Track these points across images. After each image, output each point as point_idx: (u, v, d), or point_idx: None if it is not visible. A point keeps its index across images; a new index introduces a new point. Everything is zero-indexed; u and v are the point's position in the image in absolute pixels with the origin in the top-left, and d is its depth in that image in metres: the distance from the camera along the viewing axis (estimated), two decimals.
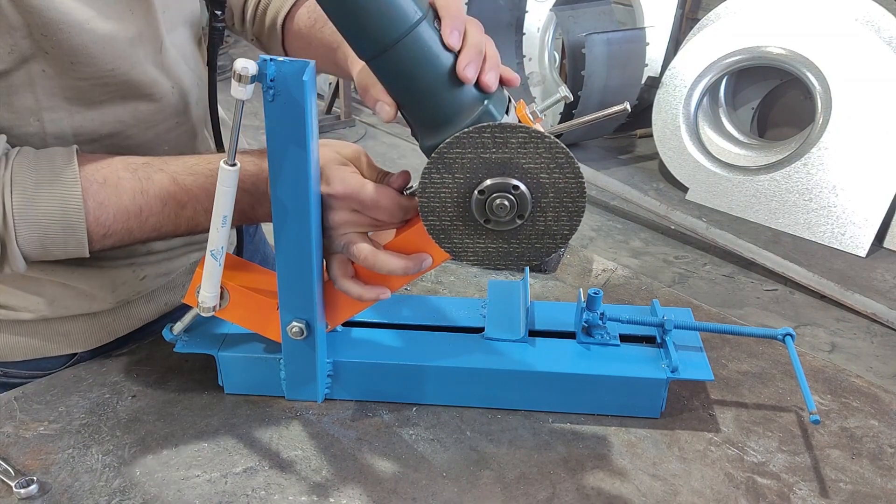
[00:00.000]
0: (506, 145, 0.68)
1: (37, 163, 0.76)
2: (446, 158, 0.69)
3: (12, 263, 0.77)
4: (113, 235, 0.80)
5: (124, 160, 0.81)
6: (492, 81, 0.69)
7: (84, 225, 0.77)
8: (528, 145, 0.68)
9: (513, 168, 0.69)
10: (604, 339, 0.92)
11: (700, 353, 0.91)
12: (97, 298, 0.94)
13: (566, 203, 0.71)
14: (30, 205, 0.75)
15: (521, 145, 0.68)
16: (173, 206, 0.80)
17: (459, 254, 0.75)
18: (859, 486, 0.82)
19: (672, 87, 4.06)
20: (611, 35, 4.10)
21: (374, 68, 0.69)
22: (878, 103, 3.48)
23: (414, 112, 0.71)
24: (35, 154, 0.78)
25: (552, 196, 0.71)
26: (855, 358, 2.89)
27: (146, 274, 0.98)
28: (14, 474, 0.78)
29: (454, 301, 1.01)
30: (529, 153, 0.69)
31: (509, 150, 0.69)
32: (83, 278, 0.92)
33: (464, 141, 0.68)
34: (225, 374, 0.91)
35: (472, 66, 0.68)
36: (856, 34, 3.53)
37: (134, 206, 0.79)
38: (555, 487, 0.80)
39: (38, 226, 0.76)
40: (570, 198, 0.71)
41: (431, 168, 0.70)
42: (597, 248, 3.60)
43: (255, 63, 0.66)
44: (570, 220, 0.72)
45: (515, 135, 0.68)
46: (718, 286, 3.32)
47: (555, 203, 0.71)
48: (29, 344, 0.95)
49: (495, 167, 0.70)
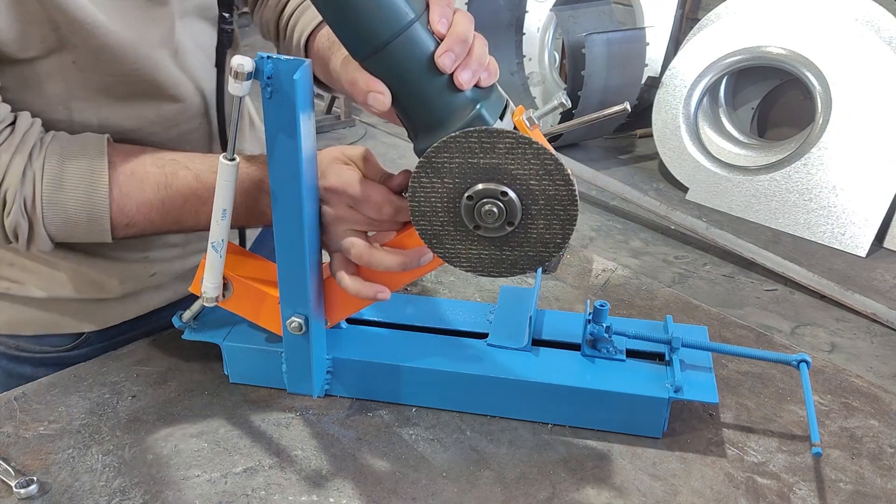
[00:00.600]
0: (493, 150, 0.67)
1: (69, 149, 0.79)
2: (434, 163, 0.69)
3: (39, 243, 0.81)
4: (135, 225, 0.83)
5: (154, 154, 0.83)
6: (466, 79, 0.67)
7: (108, 214, 0.80)
8: (516, 151, 0.67)
9: (502, 174, 0.68)
10: (609, 354, 0.90)
11: (709, 374, 0.88)
12: (105, 287, 0.97)
13: (557, 211, 0.69)
14: (58, 190, 0.78)
15: (508, 151, 0.67)
16: (194, 202, 0.83)
17: (452, 259, 0.74)
18: (859, 486, 0.82)
19: (672, 87, 4.06)
20: (611, 35, 4.11)
21: (367, 68, 0.69)
22: (878, 103, 3.48)
23: (407, 113, 0.71)
24: (69, 140, 0.80)
25: (543, 203, 0.69)
26: (855, 358, 2.89)
27: (156, 271, 1.00)
28: (14, 474, 0.78)
29: (462, 304, 1.01)
30: (517, 159, 0.67)
31: (497, 155, 0.67)
32: (94, 266, 0.95)
33: (451, 145, 0.67)
34: (230, 364, 0.92)
35: (450, 55, 0.66)
36: (856, 34, 3.53)
37: (157, 200, 0.82)
38: (555, 487, 0.80)
39: (65, 211, 0.79)
40: (562, 205, 0.69)
41: (420, 172, 0.70)
42: (597, 248, 3.60)
43: (252, 60, 0.67)
44: (562, 229, 0.70)
45: (502, 140, 0.67)
46: (718, 286, 3.33)
47: (546, 211, 0.70)
48: (39, 319, 0.97)
49: (484, 173, 0.68)
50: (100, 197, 0.79)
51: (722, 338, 1.06)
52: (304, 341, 0.84)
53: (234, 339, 0.91)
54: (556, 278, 1.19)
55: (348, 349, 0.90)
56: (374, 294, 0.79)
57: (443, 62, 0.66)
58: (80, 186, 0.79)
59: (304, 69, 0.70)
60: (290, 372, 0.89)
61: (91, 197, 0.79)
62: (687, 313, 1.11)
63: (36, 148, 0.78)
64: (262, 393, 0.92)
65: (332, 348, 0.90)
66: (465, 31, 0.67)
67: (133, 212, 0.82)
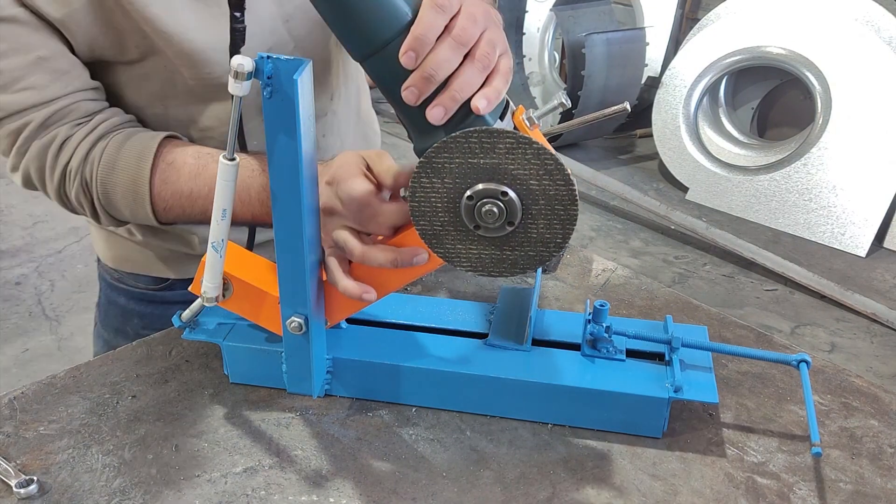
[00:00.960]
0: (493, 150, 0.67)
1: (127, 141, 0.89)
2: (434, 163, 0.69)
3: (101, 220, 0.94)
4: (172, 210, 0.91)
5: (197, 148, 0.92)
6: (436, 117, 0.66)
7: (148, 198, 0.89)
8: (516, 151, 0.67)
9: (502, 174, 0.68)
10: (609, 354, 0.89)
11: (708, 374, 0.88)
12: (189, 243, 1.09)
13: (558, 210, 0.69)
14: (110, 175, 0.89)
15: (508, 151, 0.67)
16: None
17: (452, 259, 0.74)
18: (859, 486, 0.82)
19: (672, 87, 4.07)
20: (611, 35, 4.11)
21: (367, 69, 0.69)
22: (878, 103, 3.48)
23: (407, 114, 0.71)
24: (128, 134, 0.91)
25: (543, 203, 0.69)
26: (855, 358, 2.89)
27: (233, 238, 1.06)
28: (14, 474, 0.78)
29: (462, 304, 1.01)
30: (517, 159, 0.67)
31: (497, 155, 0.67)
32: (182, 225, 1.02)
33: (451, 146, 0.67)
34: (230, 364, 0.92)
35: (412, 91, 0.65)
36: (856, 34, 3.53)
37: (186, 189, 0.90)
38: (555, 487, 0.80)
39: (115, 194, 0.90)
40: (562, 205, 0.69)
41: (420, 172, 0.70)
42: (597, 247, 3.60)
43: (252, 60, 0.67)
44: (562, 228, 0.70)
45: (502, 140, 0.67)
46: (718, 286, 3.33)
47: (546, 210, 0.69)
48: (136, 259, 1.14)
49: (484, 173, 0.68)
50: (141, 183, 0.88)
51: (722, 338, 1.06)
52: (304, 341, 0.84)
53: (235, 338, 0.91)
54: (556, 278, 1.19)
55: (348, 349, 0.90)
56: (360, 294, 0.79)
57: (406, 96, 0.66)
58: (128, 171, 0.88)
59: (305, 69, 0.70)
60: (290, 372, 0.89)
61: (135, 181, 0.88)
62: (687, 313, 1.11)
63: (104, 137, 0.89)
64: (262, 393, 0.92)
65: (332, 348, 0.90)
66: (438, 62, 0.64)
67: (168, 198, 0.90)
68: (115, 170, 0.88)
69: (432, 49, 0.65)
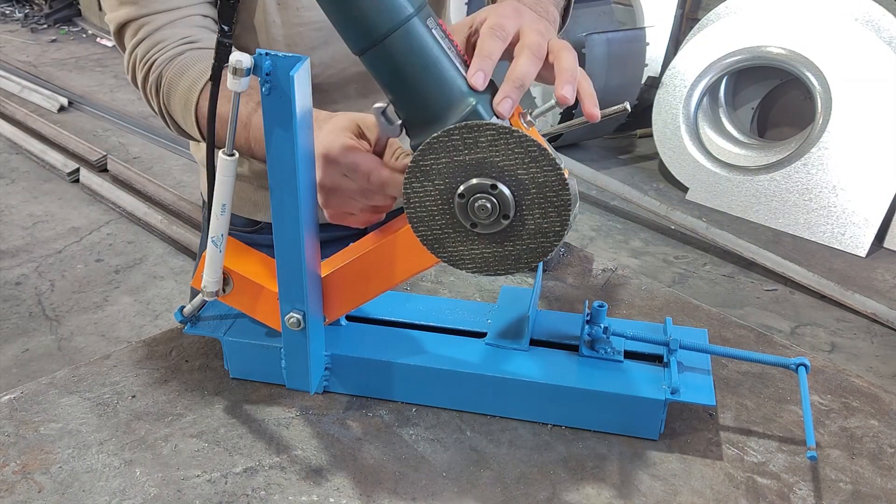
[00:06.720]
0: (476, 145, 0.67)
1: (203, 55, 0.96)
2: (422, 166, 0.69)
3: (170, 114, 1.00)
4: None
5: None
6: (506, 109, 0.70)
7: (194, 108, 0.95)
8: (499, 142, 0.66)
9: (489, 167, 0.68)
10: (607, 354, 0.89)
11: (706, 376, 0.88)
12: None
13: (550, 197, 0.69)
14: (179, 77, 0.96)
15: (490, 143, 0.67)
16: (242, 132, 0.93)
17: (456, 262, 0.74)
18: (859, 486, 0.82)
19: (672, 87, 4.06)
20: (611, 35, 4.10)
21: (365, 62, 0.69)
22: (878, 103, 3.48)
23: (404, 109, 0.71)
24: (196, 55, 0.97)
25: (535, 192, 0.69)
26: (855, 358, 2.89)
27: None
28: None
29: (462, 304, 1.01)
30: (501, 150, 0.67)
31: (481, 149, 0.67)
32: None
33: (435, 146, 0.67)
34: (230, 359, 0.92)
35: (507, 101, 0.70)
36: (856, 34, 3.53)
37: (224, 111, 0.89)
38: (555, 487, 0.80)
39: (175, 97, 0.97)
40: (553, 192, 0.68)
41: (411, 177, 0.70)
42: (597, 248, 3.59)
43: (250, 57, 0.68)
44: (558, 216, 0.69)
45: (483, 133, 0.66)
46: (718, 286, 3.32)
47: (539, 199, 0.69)
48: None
49: (472, 169, 0.68)
50: (195, 91, 0.94)
51: (722, 338, 1.05)
52: (302, 337, 0.84)
53: (235, 334, 0.91)
54: (556, 278, 1.19)
55: (347, 346, 0.91)
56: None
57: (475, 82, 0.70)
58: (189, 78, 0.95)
59: (302, 66, 0.70)
60: (289, 368, 0.89)
61: (190, 89, 0.95)
62: (687, 313, 1.11)
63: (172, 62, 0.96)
64: (263, 393, 0.92)
65: (331, 345, 0.90)
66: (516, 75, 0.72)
67: None
68: (183, 76, 0.95)
69: None
